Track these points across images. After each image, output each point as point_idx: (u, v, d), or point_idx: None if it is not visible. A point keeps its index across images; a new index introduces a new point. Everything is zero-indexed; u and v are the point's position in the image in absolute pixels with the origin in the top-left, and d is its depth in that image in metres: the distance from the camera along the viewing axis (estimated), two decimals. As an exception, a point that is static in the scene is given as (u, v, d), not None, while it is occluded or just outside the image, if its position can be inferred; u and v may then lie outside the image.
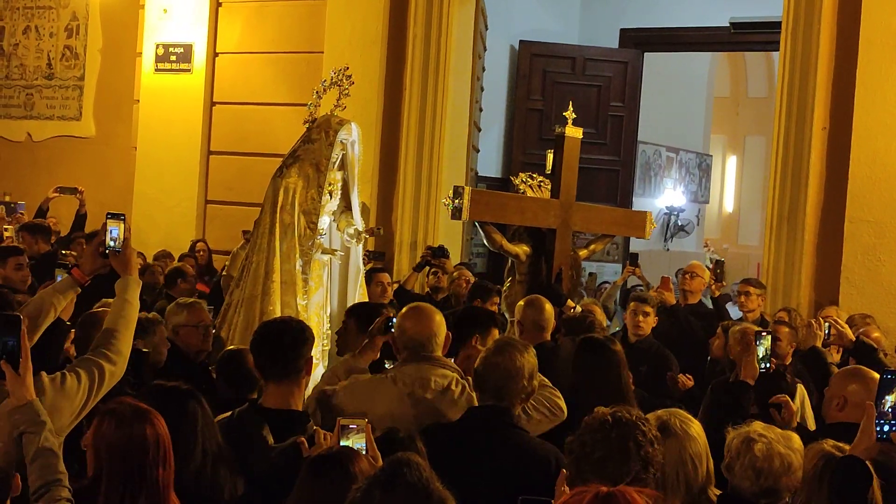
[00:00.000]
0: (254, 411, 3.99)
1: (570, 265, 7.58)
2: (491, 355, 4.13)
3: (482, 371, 4.11)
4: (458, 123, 10.94)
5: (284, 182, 6.16)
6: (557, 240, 7.49)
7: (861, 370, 4.72)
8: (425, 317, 4.52)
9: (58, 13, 12.78)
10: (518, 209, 7.42)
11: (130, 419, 3.22)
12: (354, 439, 3.48)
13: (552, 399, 4.53)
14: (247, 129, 11.33)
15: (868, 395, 4.42)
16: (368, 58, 10.46)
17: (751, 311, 8.15)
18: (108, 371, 3.76)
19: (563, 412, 4.52)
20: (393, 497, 2.62)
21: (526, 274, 7.41)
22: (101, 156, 12.29)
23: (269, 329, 4.15)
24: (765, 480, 3.53)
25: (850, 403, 4.45)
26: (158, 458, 3.20)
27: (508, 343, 4.24)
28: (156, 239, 10.86)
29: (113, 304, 4.04)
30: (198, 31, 11.54)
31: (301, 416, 3.95)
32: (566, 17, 15.06)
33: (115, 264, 4.10)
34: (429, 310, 4.62)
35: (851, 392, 4.49)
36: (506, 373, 4.05)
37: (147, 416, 3.25)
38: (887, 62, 8.73)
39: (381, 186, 10.58)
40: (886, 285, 8.66)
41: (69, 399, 3.61)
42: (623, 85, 14.04)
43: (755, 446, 3.55)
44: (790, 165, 9.16)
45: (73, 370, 3.72)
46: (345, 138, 6.34)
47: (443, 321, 4.58)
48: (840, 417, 4.43)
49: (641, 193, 18.17)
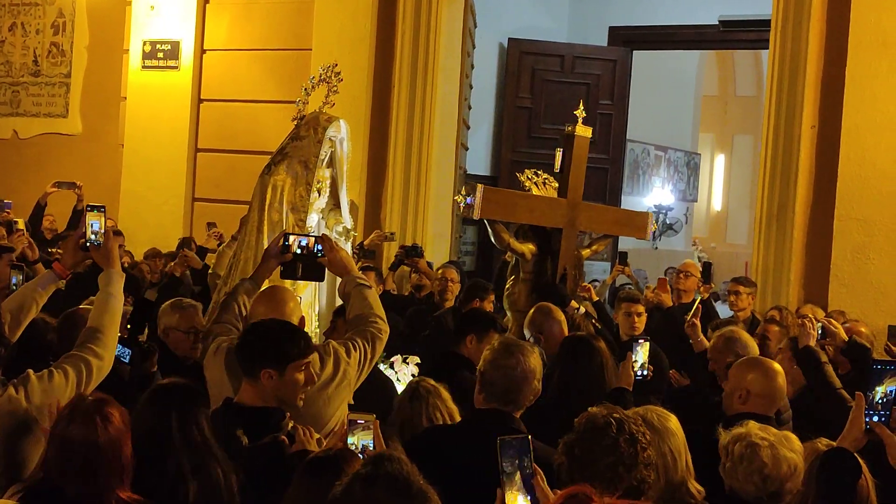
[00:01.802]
0: (229, 409, 3.91)
1: (574, 265, 7.56)
2: (499, 358, 4.02)
3: (490, 374, 4.01)
4: (447, 121, 10.91)
5: (272, 179, 6.12)
6: (563, 239, 7.45)
7: (759, 360, 4.73)
8: (278, 301, 4.49)
9: (44, 10, 12.71)
10: (527, 208, 7.38)
11: (83, 416, 3.17)
12: (361, 436, 3.45)
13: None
14: (235, 126, 11.30)
15: (768, 383, 4.46)
16: (357, 55, 10.43)
17: (741, 309, 8.14)
18: (95, 366, 3.75)
19: None
20: (373, 490, 2.61)
21: (531, 273, 7.36)
22: (88, 153, 12.22)
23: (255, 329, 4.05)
24: (771, 484, 3.51)
25: (752, 394, 4.45)
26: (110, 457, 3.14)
27: (516, 345, 4.14)
28: (143, 237, 10.81)
29: (96, 298, 4.01)
30: (185, 28, 11.50)
31: (277, 413, 3.87)
32: (555, 14, 15.06)
33: (97, 258, 4.10)
34: (282, 293, 4.59)
35: (752, 382, 4.48)
36: (516, 376, 3.97)
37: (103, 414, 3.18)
38: (876, 60, 8.73)
39: (370, 184, 10.55)
40: (875, 283, 8.66)
41: (58, 395, 3.57)
42: (612, 83, 14.02)
43: (761, 452, 3.53)
44: (779, 164, 9.16)
45: (60, 367, 3.69)
46: (333, 135, 6.30)
47: (297, 306, 4.58)
48: (744, 409, 4.40)
49: (630, 192, 18.19)
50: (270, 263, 4.76)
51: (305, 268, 4.78)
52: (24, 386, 3.56)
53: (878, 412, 3.37)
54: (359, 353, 4.42)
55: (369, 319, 4.58)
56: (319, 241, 4.79)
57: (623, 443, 3.27)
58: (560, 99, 13.09)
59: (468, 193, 6.98)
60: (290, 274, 4.83)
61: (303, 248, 4.73)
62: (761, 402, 4.44)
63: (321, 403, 4.23)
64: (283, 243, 4.74)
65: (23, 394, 3.54)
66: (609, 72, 14.02)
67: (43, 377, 3.61)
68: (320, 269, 4.82)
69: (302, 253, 4.73)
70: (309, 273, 4.81)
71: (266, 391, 3.86)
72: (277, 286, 4.76)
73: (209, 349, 4.46)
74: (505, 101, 13.87)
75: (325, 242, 4.78)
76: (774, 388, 4.49)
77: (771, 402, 4.48)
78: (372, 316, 4.60)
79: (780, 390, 4.53)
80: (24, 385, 3.56)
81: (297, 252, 4.72)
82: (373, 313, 4.61)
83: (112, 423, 3.18)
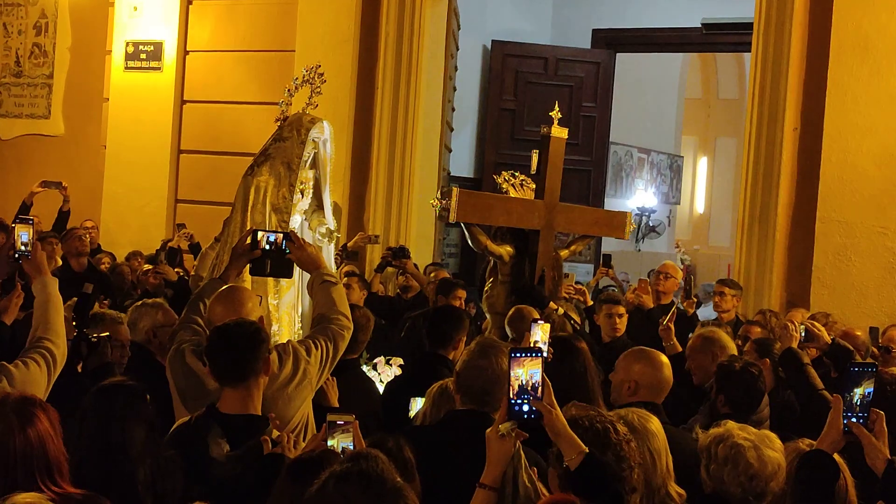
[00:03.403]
0: (211, 417, 3.89)
1: (552, 266, 7.56)
2: (475, 359, 4.01)
3: (465, 375, 4.00)
4: (431, 123, 10.91)
5: (255, 181, 6.10)
6: (541, 241, 7.46)
7: (644, 351, 4.73)
8: (236, 301, 4.46)
9: (26, 10, 12.65)
10: (504, 210, 7.38)
11: (11, 414, 3.14)
12: (341, 438, 3.43)
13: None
14: (218, 127, 11.27)
15: (654, 373, 4.48)
16: (340, 56, 10.42)
17: (725, 311, 8.16)
18: (56, 353, 3.90)
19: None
20: (346, 487, 2.62)
21: (509, 275, 7.36)
22: (70, 155, 12.16)
23: (222, 334, 4.02)
24: (757, 485, 3.52)
25: (641, 386, 4.51)
26: (36, 459, 3.10)
27: (492, 345, 4.11)
28: (126, 239, 10.77)
29: (35, 303, 4.09)
30: (168, 29, 11.46)
31: (260, 421, 3.86)
32: (539, 17, 15.09)
33: (28, 268, 4.19)
34: (240, 294, 4.57)
35: (638, 373, 4.55)
36: (490, 377, 3.94)
37: (31, 413, 3.15)
38: (858, 63, 8.78)
39: (354, 185, 10.54)
40: (857, 285, 8.70)
41: (37, 382, 3.75)
42: (595, 85, 14.06)
43: (747, 453, 3.54)
44: (761, 166, 9.20)
45: (29, 357, 3.83)
46: (316, 137, 6.29)
47: (255, 307, 4.56)
48: (633, 399, 4.44)
49: (613, 194, 18.23)
50: (240, 261, 4.76)
51: (274, 264, 4.78)
52: (6, 375, 3.70)
53: (856, 414, 3.39)
54: (320, 351, 4.44)
55: (332, 317, 4.59)
56: (287, 238, 4.80)
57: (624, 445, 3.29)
58: (543, 101, 13.01)
59: (443, 197, 6.98)
60: (258, 271, 4.83)
61: (271, 245, 4.74)
62: (649, 393, 4.52)
63: (281, 403, 4.25)
64: (251, 240, 4.74)
65: (5, 382, 3.67)
66: (592, 74, 14.06)
67: (19, 366, 3.75)
68: (289, 265, 4.81)
69: (270, 249, 4.74)
70: (278, 269, 4.81)
71: (254, 394, 3.89)
72: (236, 286, 4.72)
73: (172, 350, 4.48)
74: (488, 104, 13.89)
75: (292, 240, 4.78)
76: (660, 379, 4.56)
77: (658, 392, 4.56)
78: (334, 313, 4.60)
79: (666, 381, 4.60)
80: (6, 374, 3.70)
81: (266, 248, 4.72)
82: (336, 310, 4.62)
83: (34, 423, 3.15)
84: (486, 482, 3.16)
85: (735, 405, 4.86)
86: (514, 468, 3.22)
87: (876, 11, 8.76)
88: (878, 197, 8.69)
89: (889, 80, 8.71)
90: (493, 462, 3.17)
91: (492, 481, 3.16)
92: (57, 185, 10.29)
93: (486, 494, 3.16)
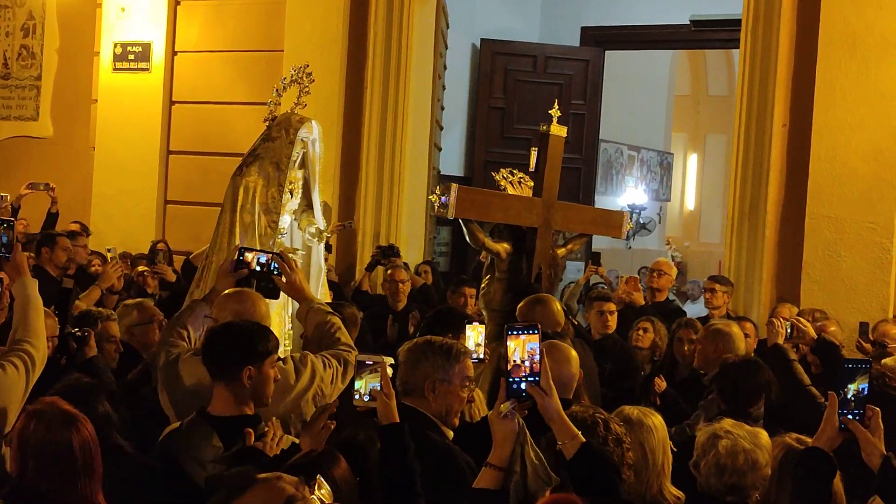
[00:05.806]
0: (202, 419, 3.88)
1: (549, 264, 7.56)
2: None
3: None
4: (420, 122, 10.90)
5: (244, 181, 6.09)
6: (538, 238, 7.44)
7: (552, 344, 4.68)
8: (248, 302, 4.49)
9: (14, 12, 12.60)
10: (502, 207, 7.37)
11: (59, 424, 3.23)
12: (369, 378, 3.47)
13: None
14: (206, 128, 11.24)
15: (558, 369, 4.41)
16: (329, 56, 10.41)
17: (716, 307, 8.18)
18: (36, 356, 3.92)
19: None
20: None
21: (506, 272, 7.35)
22: (58, 156, 12.12)
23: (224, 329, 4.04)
24: (729, 477, 3.52)
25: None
26: (84, 465, 3.19)
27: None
28: (115, 240, 10.73)
29: (16, 304, 4.12)
30: (156, 30, 11.43)
31: (252, 420, 3.85)
32: (527, 15, 15.08)
33: (8, 270, 4.20)
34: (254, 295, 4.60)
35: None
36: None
37: (75, 422, 3.25)
38: (846, 59, 8.78)
39: (343, 185, 10.53)
40: (847, 280, 8.71)
41: (15, 385, 3.78)
42: (584, 83, 14.05)
43: (720, 443, 3.55)
44: (751, 162, 9.20)
45: (6, 360, 3.83)
46: (305, 136, 6.28)
47: (268, 311, 4.59)
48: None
49: (604, 192, 18.24)
50: (226, 281, 4.74)
51: (260, 285, 4.77)
52: None
53: (851, 410, 3.39)
54: (332, 371, 4.45)
55: (340, 347, 4.60)
56: (277, 260, 4.78)
57: (611, 442, 3.28)
58: (533, 99, 13.11)
59: (443, 193, 6.95)
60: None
61: (262, 266, 4.75)
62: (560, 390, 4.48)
63: (293, 412, 4.26)
64: (237, 258, 4.72)
65: None
66: (581, 72, 14.05)
67: None
68: (276, 287, 4.82)
69: (260, 270, 4.74)
70: (264, 290, 4.80)
71: (245, 392, 3.85)
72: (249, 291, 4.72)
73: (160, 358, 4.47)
74: (478, 102, 13.87)
75: (283, 263, 4.77)
76: (565, 374, 4.47)
77: (564, 388, 4.47)
78: (342, 344, 4.63)
79: (571, 376, 4.56)
80: None
81: (256, 269, 4.72)
82: (341, 342, 4.64)
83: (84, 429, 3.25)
84: (492, 461, 3.21)
85: (730, 401, 4.87)
86: (521, 445, 3.24)
87: (864, 7, 8.76)
88: (868, 192, 8.69)
89: (877, 75, 8.72)
90: (499, 442, 3.21)
91: (498, 461, 3.20)
92: (45, 186, 10.24)
93: (493, 473, 3.20)
